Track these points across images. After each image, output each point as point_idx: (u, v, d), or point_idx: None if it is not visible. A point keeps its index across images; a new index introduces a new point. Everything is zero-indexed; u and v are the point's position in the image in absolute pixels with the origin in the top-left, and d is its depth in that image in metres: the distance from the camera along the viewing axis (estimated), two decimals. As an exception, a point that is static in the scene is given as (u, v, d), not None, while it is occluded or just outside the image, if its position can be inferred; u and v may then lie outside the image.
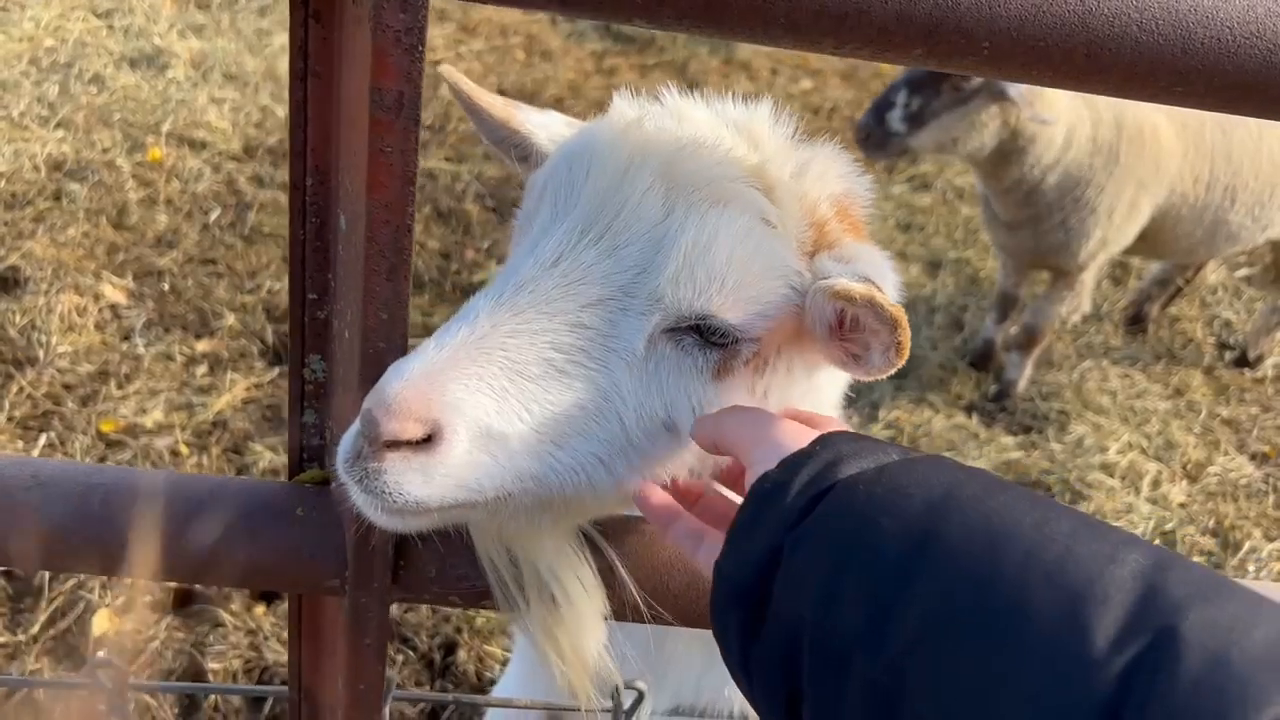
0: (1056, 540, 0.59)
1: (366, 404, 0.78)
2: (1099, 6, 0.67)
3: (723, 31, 0.69)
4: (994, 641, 0.56)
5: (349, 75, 0.75)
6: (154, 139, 4.59)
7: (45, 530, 0.86)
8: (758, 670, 0.69)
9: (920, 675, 0.58)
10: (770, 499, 0.70)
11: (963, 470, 0.67)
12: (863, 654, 0.61)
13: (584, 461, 0.86)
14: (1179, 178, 3.70)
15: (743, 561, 0.70)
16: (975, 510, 0.62)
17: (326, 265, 0.86)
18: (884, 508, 0.64)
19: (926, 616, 0.59)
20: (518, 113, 1.11)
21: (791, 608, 0.66)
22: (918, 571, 0.61)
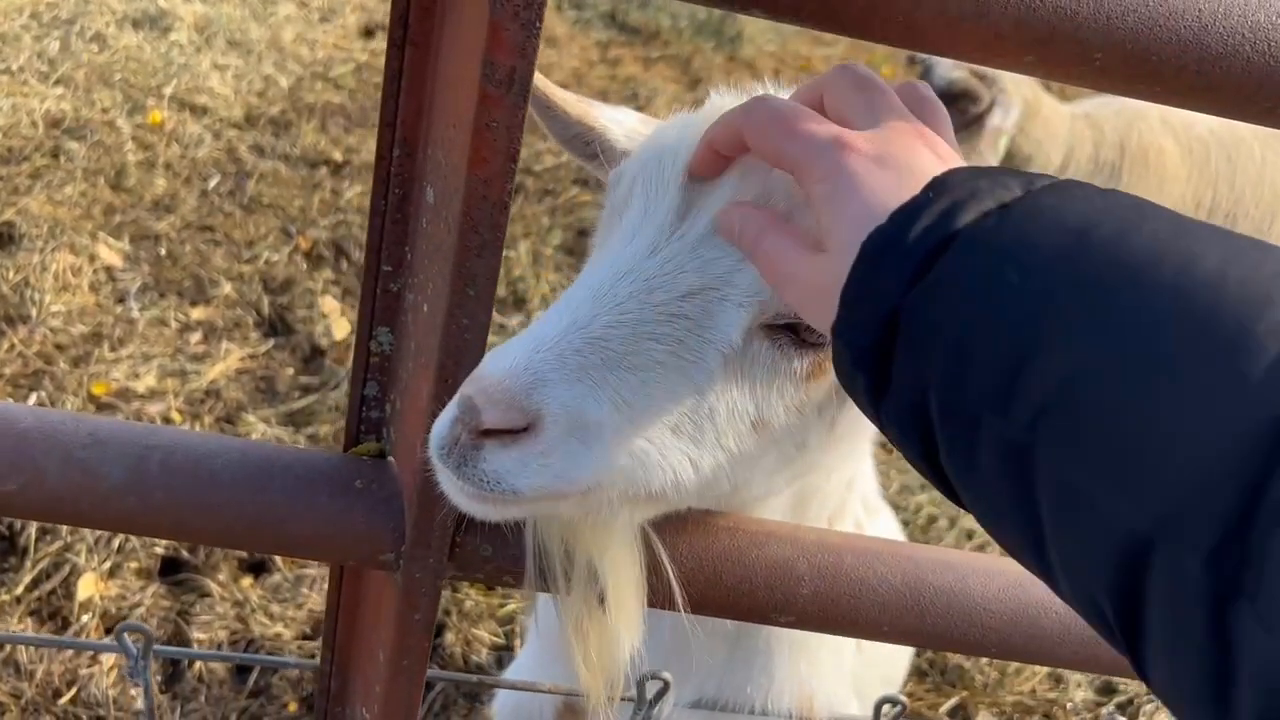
0: (1206, 282, 0.53)
1: (465, 390, 0.77)
2: (1215, 25, 0.68)
3: (839, 28, 0.69)
4: (1137, 400, 0.52)
5: (452, 47, 0.74)
6: (155, 101, 4.54)
7: (103, 490, 0.85)
8: (890, 424, 0.65)
9: (1056, 436, 0.55)
10: (883, 257, 0.63)
11: (1098, 198, 0.61)
12: (992, 416, 0.57)
13: (673, 458, 0.86)
14: (1181, 201, 3.73)
15: (861, 325, 0.64)
16: (1111, 253, 0.56)
17: (405, 238, 0.85)
18: (1009, 259, 0.59)
19: (1059, 376, 0.55)
20: (592, 109, 1.10)
21: (915, 373, 0.62)
22: (1047, 328, 0.56)
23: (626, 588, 0.93)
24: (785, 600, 0.95)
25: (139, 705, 2.54)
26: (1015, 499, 0.58)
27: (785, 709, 1.27)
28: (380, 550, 0.89)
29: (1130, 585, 0.53)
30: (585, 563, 0.93)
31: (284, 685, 2.60)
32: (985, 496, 0.61)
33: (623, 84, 5.87)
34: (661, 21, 6.54)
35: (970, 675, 2.94)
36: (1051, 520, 0.56)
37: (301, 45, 5.31)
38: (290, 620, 2.72)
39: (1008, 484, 0.58)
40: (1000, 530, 0.62)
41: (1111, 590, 0.54)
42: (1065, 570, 0.57)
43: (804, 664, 1.26)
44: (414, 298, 0.85)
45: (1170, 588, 0.51)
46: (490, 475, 0.77)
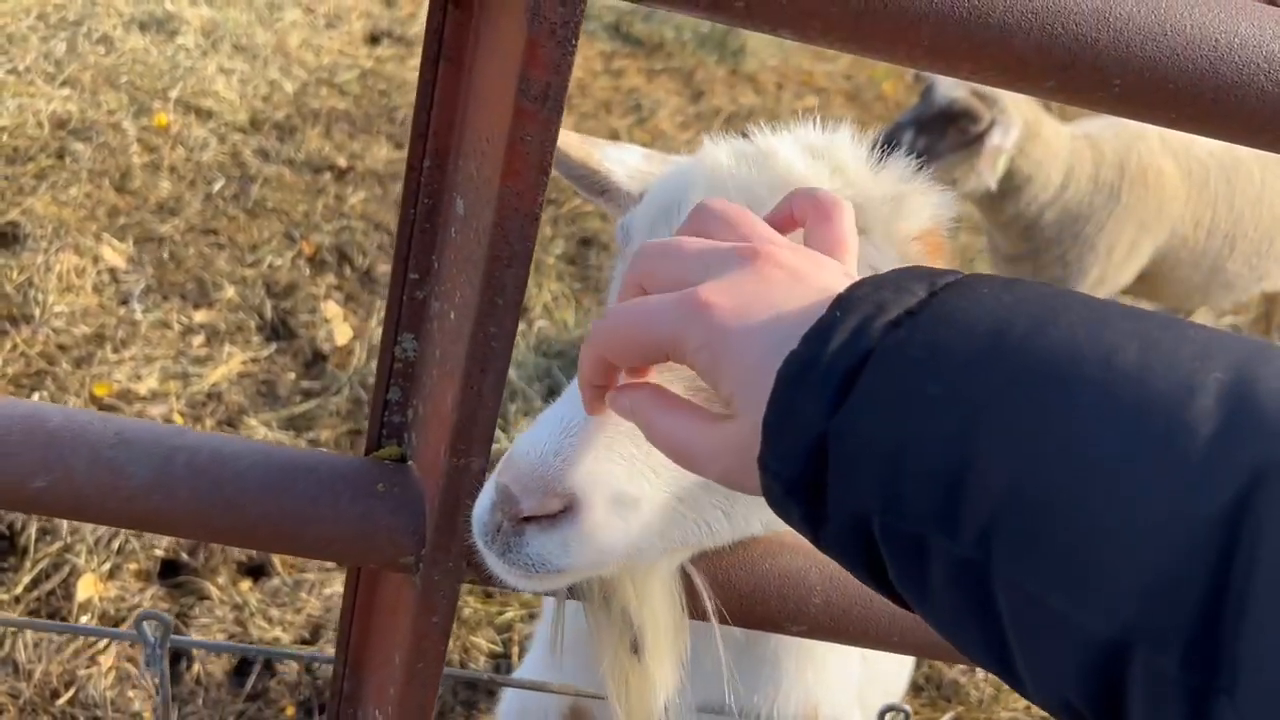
0: (1128, 376, 0.52)
1: (501, 478, 0.80)
2: (1231, 55, 0.70)
3: (865, 50, 0.71)
4: (1082, 507, 0.51)
5: (486, 62, 0.76)
6: (161, 104, 4.55)
7: (129, 490, 0.86)
8: (833, 551, 0.64)
9: (1008, 552, 0.53)
10: (802, 382, 0.60)
11: (1004, 297, 0.59)
12: (939, 537, 0.56)
13: (707, 513, 0.89)
14: (1180, 221, 3.76)
15: (788, 456, 0.61)
16: (1029, 356, 0.55)
17: (432, 248, 0.87)
18: (927, 371, 0.57)
19: (999, 492, 0.53)
20: (595, 150, 1.13)
21: (852, 499, 0.59)
22: (979, 442, 0.54)
23: (665, 635, 0.96)
24: (797, 610, 0.97)
25: (136, 707, 2.54)
26: (974, 614, 0.56)
27: (791, 717, 1.28)
28: (401, 553, 0.90)
29: (1106, 689, 0.52)
30: (620, 610, 0.95)
31: (282, 689, 2.60)
32: (942, 613, 0.60)
33: (626, 95, 5.90)
34: (665, 34, 6.58)
35: (966, 691, 2.95)
36: (1016, 635, 0.55)
37: (307, 51, 5.33)
38: (289, 624, 2.73)
39: (964, 600, 0.56)
40: (961, 641, 0.61)
41: (1087, 695, 0.53)
42: (1035, 680, 0.56)
43: (811, 673, 1.28)
44: (440, 305, 0.87)
45: (1149, 690, 0.50)
46: (535, 559, 0.81)
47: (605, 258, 4.43)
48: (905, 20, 0.68)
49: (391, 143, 4.79)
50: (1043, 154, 3.53)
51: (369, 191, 4.43)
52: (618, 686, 1.01)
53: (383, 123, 4.92)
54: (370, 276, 3.98)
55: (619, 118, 5.63)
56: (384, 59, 5.48)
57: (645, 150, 1.16)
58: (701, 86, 6.20)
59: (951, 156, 3.46)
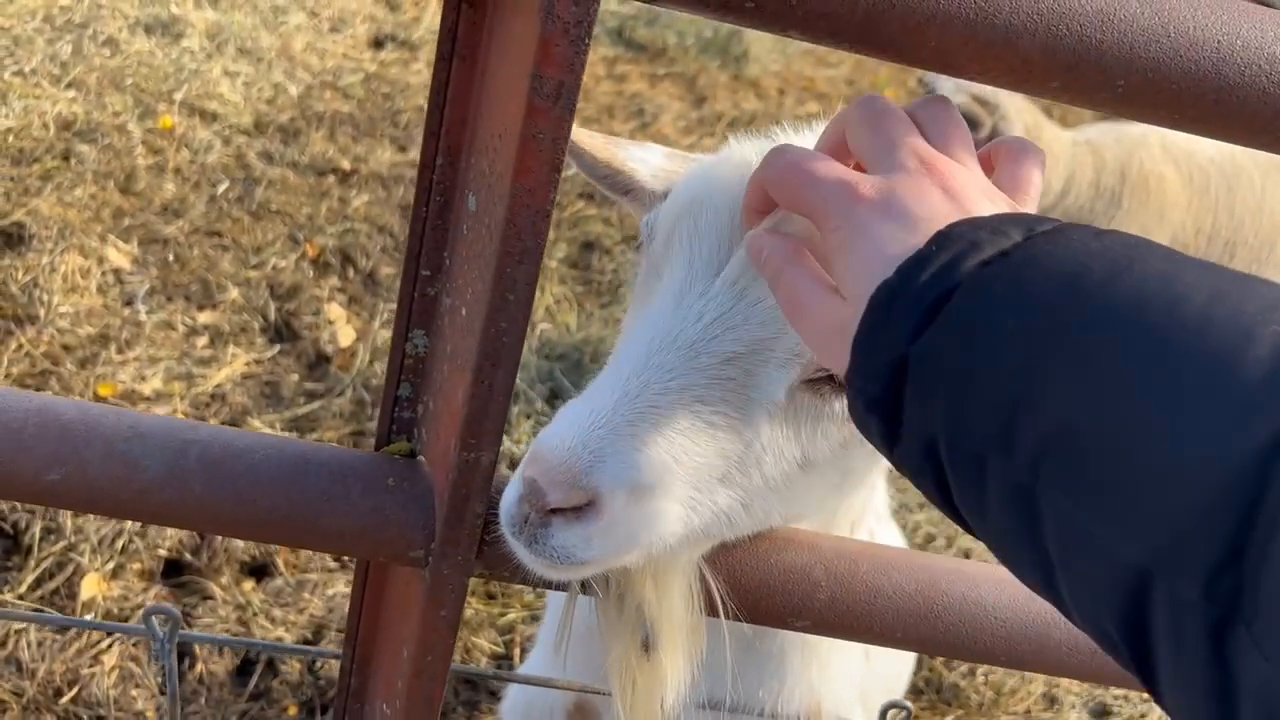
0: (1188, 325, 0.55)
1: (528, 472, 0.84)
2: (1233, 57, 0.71)
3: (873, 51, 0.72)
4: (1124, 440, 0.55)
5: (500, 61, 0.77)
6: (165, 107, 4.57)
7: (143, 482, 0.87)
8: (905, 466, 0.68)
9: (1054, 476, 0.57)
10: (891, 308, 0.65)
11: (1092, 241, 0.62)
12: (996, 458, 0.60)
13: (727, 507, 0.91)
14: (1181, 228, 3.77)
15: (871, 374, 0.66)
16: (1100, 298, 0.59)
17: (444, 244, 0.88)
18: (1005, 307, 0.61)
19: (1053, 419, 0.58)
20: (619, 151, 1.15)
21: (923, 418, 0.64)
22: (1040, 373, 0.58)
23: (678, 632, 0.98)
24: (802, 605, 0.98)
25: (139, 705, 2.55)
26: (1024, 536, 0.60)
27: (794, 713, 1.29)
28: (411, 547, 0.91)
29: (1136, 615, 0.55)
30: (635, 607, 0.97)
31: (284, 689, 2.61)
32: (997, 533, 0.64)
33: (629, 100, 5.92)
34: (668, 39, 6.60)
35: (966, 694, 2.96)
36: (1059, 556, 0.59)
37: (311, 54, 5.35)
38: (291, 624, 2.73)
39: (1016, 522, 0.60)
40: (1014, 564, 0.65)
41: (1120, 621, 0.56)
42: (1076, 603, 0.60)
43: (815, 670, 1.29)
44: (451, 301, 0.88)
45: (1172, 616, 0.53)
46: (560, 550, 0.84)
47: (608, 261, 4.44)
48: (913, 22, 0.70)
49: (395, 146, 4.80)
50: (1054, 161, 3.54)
51: (372, 194, 4.44)
52: (624, 683, 1.02)
53: (386, 126, 4.94)
54: (374, 279, 4.00)
55: (622, 122, 5.65)
56: (388, 63, 5.50)
57: (667, 150, 1.18)
58: (704, 92, 6.22)
59: None
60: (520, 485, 0.86)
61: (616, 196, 1.15)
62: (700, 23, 6.66)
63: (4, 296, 3.45)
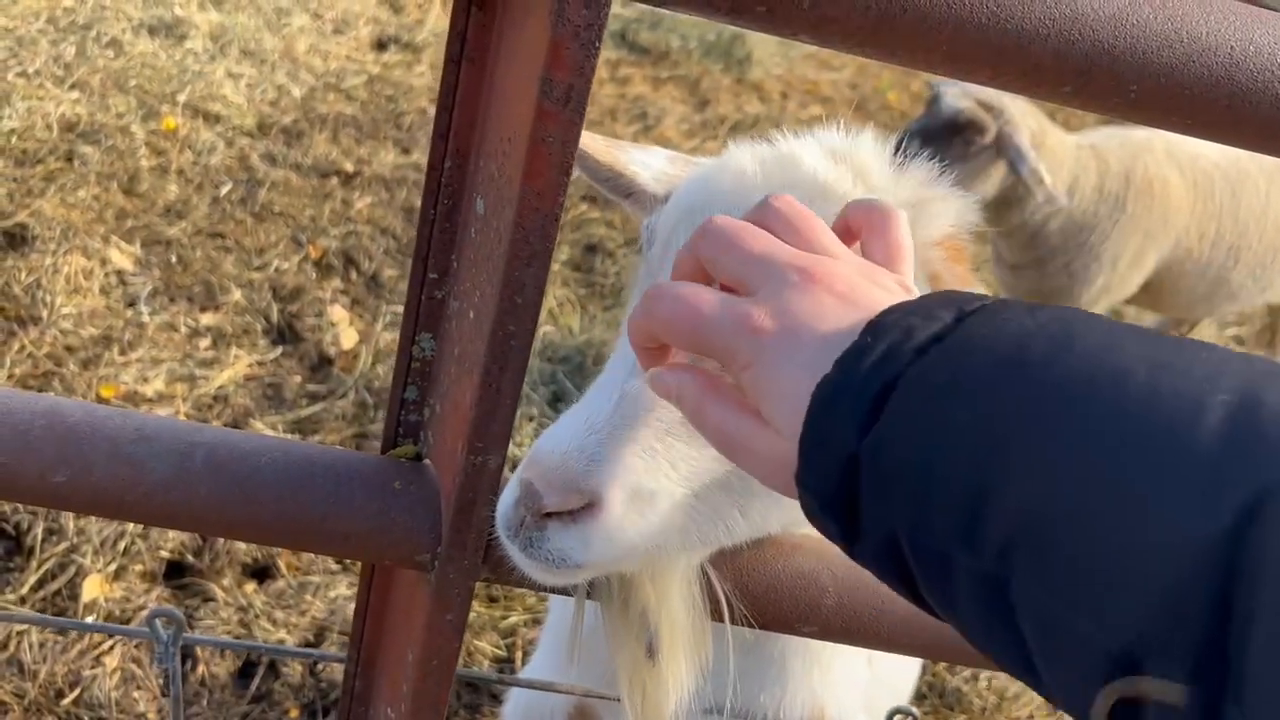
0: (1139, 399, 0.55)
1: (525, 474, 0.83)
2: (1246, 62, 0.71)
3: (885, 55, 0.71)
4: (1091, 528, 0.54)
5: (509, 64, 0.77)
6: (169, 108, 4.57)
7: (149, 485, 0.87)
8: (868, 565, 0.67)
9: (1025, 569, 0.56)
10: (834, 405, 0.64)
11: (1026, 322, 0.62)
12: (962, 555, 0.58)
13: (724, 512, 0.91)
14: (1185, 232, 3.77)
15: (822, 474, 0.65)
16: (1045, 376, 0.58)
17: (451, 247, 0.88)
18: (951, 397, 0.60)
19: (1016, 512, 0.56)
20: (621, 154, 1.14)
21: (881, 518, 0.63)
22: (997, 466, 0.57)
23: (682, 637, 0.97)
24: (809, 611, 0.97)
25: (141, 707, 2.55)
26: (999, 627, 0.59)
27: (796, 718, 1.28)
28: (417, 550, 0.91)
29: (1124, 702, 0.54)
30: (639, 612, 0.96)
31: (286, 691, 2.61)
32: (971, 624, 0.62)
33: (631, 103, 5.92)
34: (671, 42, 6.60)
35: (969, 699, 2.95)
36: (1036, 644, 0.58)
37: (315, 56, 5.35)
38: (293, 626, 2.73)
39: (989, 614, 0.59)
40: (991, 652, 0.63)
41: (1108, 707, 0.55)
42: (1059, 688, 0.59)
43: (817, 675, 1.28)
44: (459, 305, 0.87)
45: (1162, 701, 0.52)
46: (555, 554, 0.84)
47: (610, 264, 4.44)
48: (925, 26, 0.69)
49: (398, 148, 4.81)
50: (1048, 163, 3.54)
51: (375, 196, 4.44)
52: (632, 689, 1.01)
53: (389, 128, 4.94)
54: (376, 281, 4.00)
55: (625, 125, 5.65)
56: (391, 65, 5.50)
57: (669, 153, 1.18)
58: (707, 95, 6.22)
59: (956, 168, 3.47)
60: (517, 488, 0.86)
61: (618, 199, 1.15)
62: (703, 26, 6.67)
63: (7, 297, 3.46)
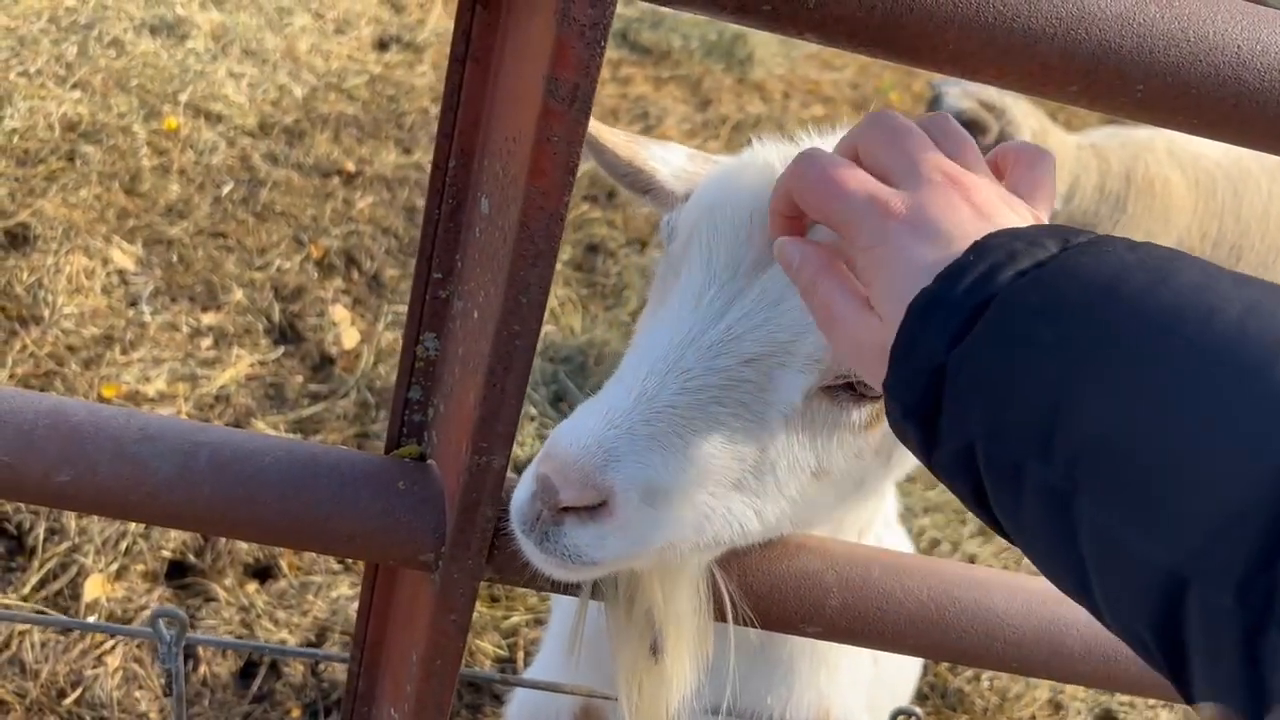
0: (1225, 334, 0.57)
1: (542, 469, 0.83)
2: (1253, 61, 0.71)
3: (891, 55, 0.71)
4: (1160, 446, 0.56)
5: (514, 62, 0.77)
6: (170, 108, 4.57)
7: (152, 484, 0.87)
8: (942, 472, 0.69)
9: (1090, 480, 0.58)
10: (929, 316, 0.67)
11: (1127, 254, 0.64)
12: (1033, 463, 0.61)
13: (739, 512, 0.90)
14: (1187, 232, 3.76)
15: (909, 382, 0.68)
16: (1138, 306, 0.60)
17: (455, 247, 0.88)
18: (1043, 316, 0.62)
19: (1089, 425, 0.59)
20: (641, 150, 1.14)
21: (961, 424, 0.65)
22: (1077, 380, 0.60)
23: (686, 637, 0.97)
24: (813, 611, 0.97)
25: (143, 707, 2.54)
26: (1060, 542, 0.61)
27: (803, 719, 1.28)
28: (420, 550, 0.91)
29: (1170, 620, 0.56)
30: (645, 611, 0.96)
31: (288, 691, 2.61)
32: (1033, 539, 0.65)
33: (633, 103, 5.92)
34: (673, 42, 6.60)
35: (971, 699, 2.95)
36: (1094, 562, 0.59)
37: (316, 56, 5.35)
38: (295, 626, 2.73)
39: (1052, 527, 0.61)
40: (1050, 569, 0.66)
41: (1153, 626, 0.57)
42: (1110, 608, 0.61)
43: (823, 676, 1.28)
44: (463, 305, 0.87)
45: (1205, 621, 0.54)
46: (571, 549, 0.84)
47: (612, 264, 4.44)
48: (930, 26, 0.69)
49: (399, 148, 4.80)
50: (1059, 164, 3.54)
51: (377, 196, 4.44)
52: (630, 687, 1.01)
53: (391, 128, 4.94)
54: (378, 280, 3.99)
55: (626, 125, 5.65)
56: (392, 65, 5.50)
57: (690, 151, 1.17)
58: (708, 95, 6.22)
59: None
60: (532, 483, 0.85)
61: (635, 195, 1.14)
62: (705, 25, 6.66)
63: (8, 297, 3.45)
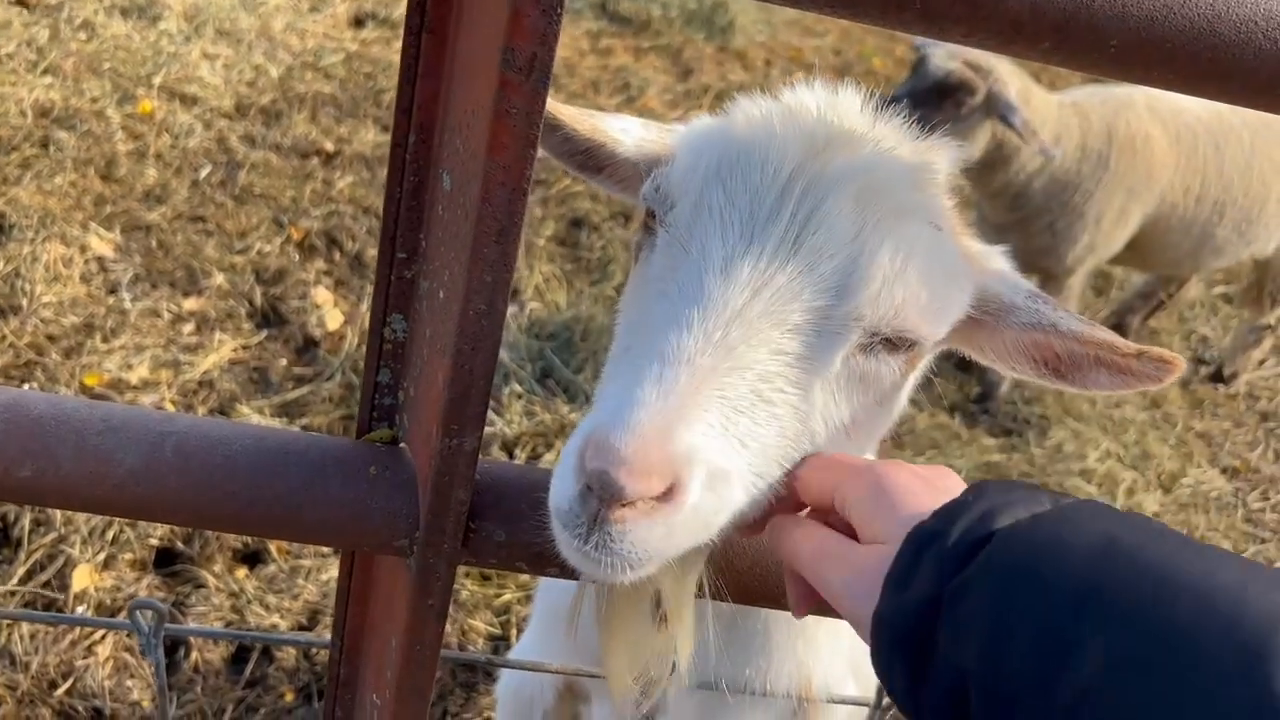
0: (1228, 590, 0.60)
1: (594, 464, 0.76)
2: (1228, 12, 0.69)
3: (858, 16, 0.69)
4: (1168, 696, 0.57)
5: (471, 34, 0.74)
6: (145, 91, 4.51)
7: (118, 476, 0.85)
8: (928, 709, 0.70)
9: (1096, 713, 0.60)
10: (927, 548, 0.70)
11: (1119, 517, 0.68)
12: (1032, 699, 0.62)
13: (777, 484, 0.88)
14: (1170, 188, 3.75)
15: (904, 610, 0.70)
16: (1138, 560, 0.63)
17: (419, 225, 0.86)
18: (1045, 559, 0.65)
19: (1096, 668, 0.60)
20: (600, 123, 1.10)
21: (957, 657, 0.67)
22: (1083, 622, 0.62)
23: (690, 601, 0.95)
24: (795, 584, 0.96)
25: (135, 696, 2.54)
26: None
27: (784, 690, 1.28)
28: (395, 536, 0.89)
29: None
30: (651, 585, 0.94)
31: (280, 675, 2.60)
32: None
33: (614, 74, 5.86)
34: (652, 12, 6.53)
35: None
36: None
37: (291, 35, 5.28)
38: (286, 611, 2.72)
39: None
40: None
41: None
42: None
43: (801, 645, 1.27)
44: (429, 285, 0.85)
45: None
46: (640, 548, 0.78)
47: (596, 238, 4.41)
48: (897, -17, 0.67)
49: (378, 126, 4.75)
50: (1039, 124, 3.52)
51: (356, 175, 4.40)
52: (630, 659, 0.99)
53: (369, 106, 4.88)
54: (360, 261, 3.96)
55: (607, 97, 5.60)
56: (369, 41, 5.44)
57: (642, 121, 1.14)
58: (690, 64, 6.16)
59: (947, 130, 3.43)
60: (577, 480, 0.78)
61: (587, 175, 1.11)
62: (684, -6, 6.60)
63: (-14, 287, 3.42)
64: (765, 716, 1.42)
